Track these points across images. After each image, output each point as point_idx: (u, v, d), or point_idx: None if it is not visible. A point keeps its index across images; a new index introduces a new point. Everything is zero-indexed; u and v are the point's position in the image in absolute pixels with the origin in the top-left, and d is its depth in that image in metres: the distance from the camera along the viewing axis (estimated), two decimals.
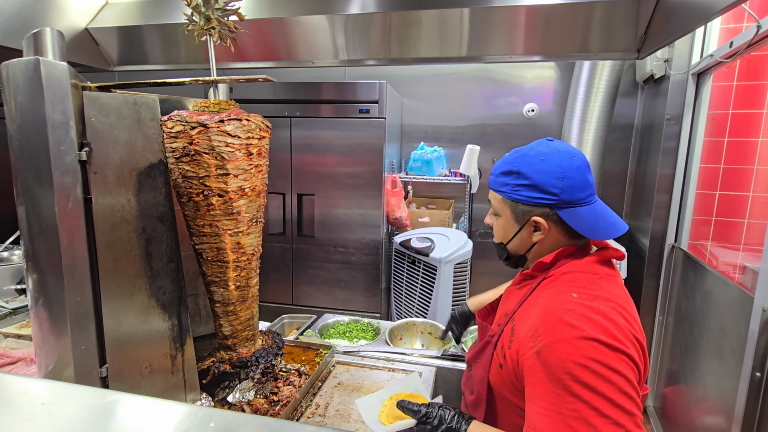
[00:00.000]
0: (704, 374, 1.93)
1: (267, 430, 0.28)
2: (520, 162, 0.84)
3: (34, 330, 0.90)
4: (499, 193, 0.87)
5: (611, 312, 0.74)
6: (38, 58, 0.76)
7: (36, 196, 0.81)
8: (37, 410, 0.30)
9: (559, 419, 0.68)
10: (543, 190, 0.81)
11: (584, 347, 0.69)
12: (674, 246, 2.39)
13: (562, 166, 0.82)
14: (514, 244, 0.89)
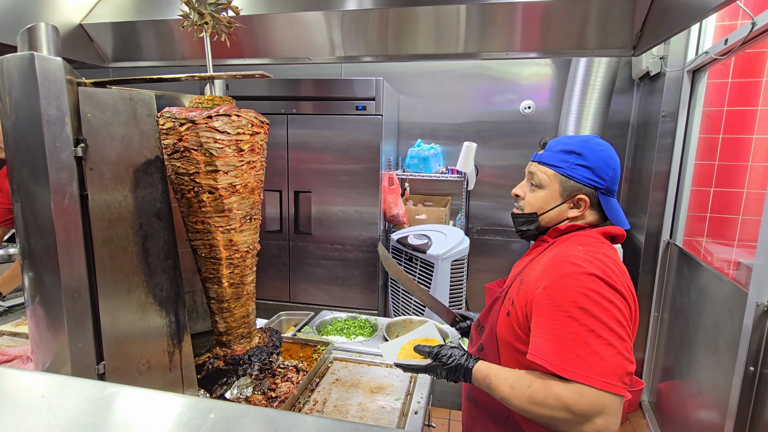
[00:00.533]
0: (699, 369, 1.94)
1: (267, 421, 0.28)
2: (583, 146, 0.93)
3: (31, 327, 0.90)
4: (554, 168, 0.94)
5: (610, 262, 0.84)
6: (33, 53, 0.76)
7: (32, 193, 0.81)
8: (37, 403, 0.30)
9: (559, 341, 0.76)
10: (597, 174, 0.92)
11: (585, 280, 0.78)
12: (669, 242, 2.41)
13: (615, 159, 0.94)
14: (549, 216, 0.96)
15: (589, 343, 0.74)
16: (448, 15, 1.60)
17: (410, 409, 1.24)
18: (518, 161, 3.22)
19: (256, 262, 1.15)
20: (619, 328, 0.75)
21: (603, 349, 0.73)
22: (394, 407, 1.23)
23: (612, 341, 0.74)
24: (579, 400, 0.72)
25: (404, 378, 1.38)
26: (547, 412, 0.75)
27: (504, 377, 0.84)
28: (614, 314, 0.76)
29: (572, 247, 0.87)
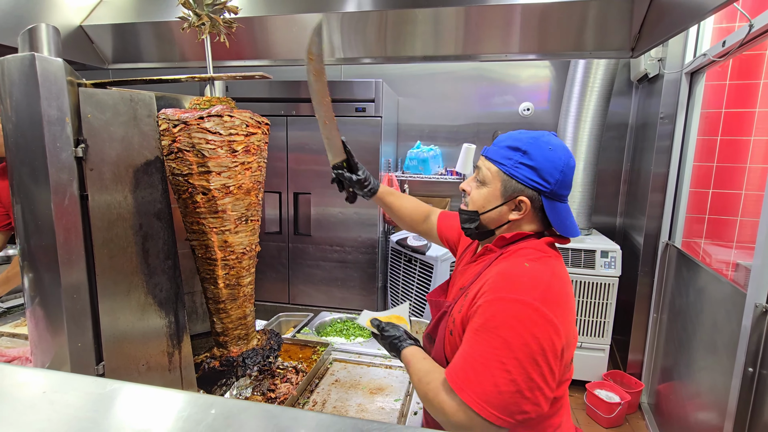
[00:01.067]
0: (698, 370, 1.95)
1: (267, 416, 0.29)
2: (530, 143, 0.86)
3: (31, 328, 0.90)
4: (498, 165, 0.88)
5: (555, 283, 0.80)
6: (33, 54, 0.76)
7: (32, 194, 0.81)
8: (38, 399, 0.30)
9: (469, 360, 0.76)
10: (541, 176, 0.85)
11: (518, 309, 0.75)
12: (668, 243, 2.41)
13: (565, 161, 0.86)
14: (490, 216, 0.91)
15: (493, 374, 0.73)
16: (447, 17, 1.61)
17: (409, 409, 1.24)
18: None
19: (254, 263, 1.14)
20: (532, 368, 0.72)
21: (504, 384, 0.72)
22: (393, 408, 1.23)
23: (517, 378, 0.72)
24: (456, 413, 0.75)
25: (403, 379, 1.38)
26: (433, 412, 0.80)
27: (418, 368, 0.87)
28: (535, 352, 0.73)
29: (518, 264, 0.82)
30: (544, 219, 0.89)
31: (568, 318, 0.79)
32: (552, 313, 0.75)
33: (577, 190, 2.83)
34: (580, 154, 2.79)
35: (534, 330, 0.73)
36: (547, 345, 0.73)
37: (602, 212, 3.14)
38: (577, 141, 2.78)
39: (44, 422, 0.28)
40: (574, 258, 2.60)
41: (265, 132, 1.07)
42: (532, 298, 0.75)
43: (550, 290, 0.77)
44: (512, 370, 0.72)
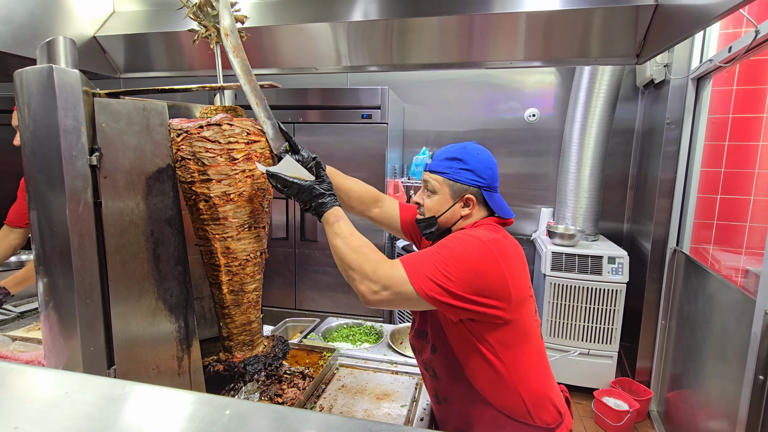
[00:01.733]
0: (707, 378, 1.92)
1: (278, 417, 0.29)
2: (462, 152, 1.07)
3: (44, 332, 0.92)
4: (442, 175, 1.07)
5: (506, 244, 0.98)
6: (51, 65, 0.78)
7: (48, 201, 0.83)
8: (61, 398, 0.31)
9: (423, 254, 0.94)
10: (478, 175, 1.05)
11: (465, 238, 0.95)
12: (676, 250, 2.40)
13: (491, 160, 1.09)
14: (446, 216, 1.08)
15: (431, 264, 0.91)
16: (452, 25, 1.63)
17: (416, 416, 1.24)
18: (523, 169, 3.23)
19: (260, 271, 1.14)
20: (463, 273, 0.90)
21: (434, 270, 0.90)
22: (399, 414, 1.23)
23: (450, 272, 0.90)
24: (389, 269, 0.91)
25: (410, 385, 1.39)
26: (358, 261, 0.92)
27: (352, 226, 0.99)
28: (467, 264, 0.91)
29: (473, 230, 1.03)
30: (487, 209, 1.09)
31: (515, 270, 0.96)
32: (496, 251, 0.93)
33: (583, 195, 2.82)
34: (586, 160, 2.78)
35: (474, 253, 0.92)
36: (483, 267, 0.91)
37: (609, 218, 3.13)
38: (583, 147, 2.78)
39: (68, 421, 0.29)
40: (581, 264, 2.59)
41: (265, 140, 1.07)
42: (481, 236, 0.96)
43: (495, 241, 0.96)
44: (447, 267, 0.90)
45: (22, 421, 0.28)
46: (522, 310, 0.99)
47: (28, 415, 0.29)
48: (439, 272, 0.90)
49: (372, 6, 1.69)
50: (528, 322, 1.02)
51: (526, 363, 1.01)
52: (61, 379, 0.34)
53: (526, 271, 1.02)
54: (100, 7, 1.88)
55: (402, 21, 1.64)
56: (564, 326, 2.67)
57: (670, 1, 1.30)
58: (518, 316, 0.98)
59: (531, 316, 1.03)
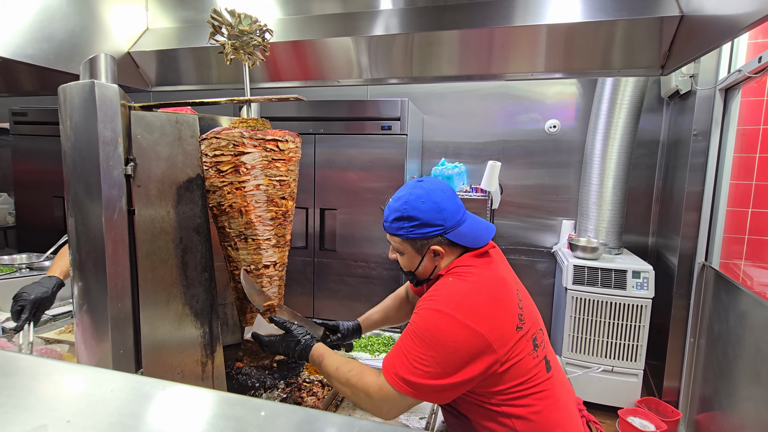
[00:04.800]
0: (741, 400, 1.84)
1: (310, 419, 0.30)
2: (405, 208, 1.01)
3: (77, 334, 0.95)
4: (399, 236, 1.03)
5: (474, 297, 0.93)
6: (93, 81, 0.83)
7: (85, 208, 0.88)
8: (108, 395, 0.33)
9: (398, 351, 0.94)
10: (431, 225, 1.00)
11: (436, 317, 0.91)
12: (705, 265, 2.32)
13: (438, 201, 1.01)
14: (420, 270, 1.06)
15: (412, 364, 0.90)
16: (472, 38, 1.64)
17: (435, 427, 1.22)
18: (543, 180, 3.19)
19: (264, 284, 1.11)
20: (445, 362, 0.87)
21: (419, 372, 0.88)
22: (418, 426, 1.22)
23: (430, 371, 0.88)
24: (377, 392, 0.92)
25: None
26: (354, 393, 0.95)
27: (335, 360, 1.00)
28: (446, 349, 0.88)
29: (443, 282, 0.99)
30: (459, 247, 1.04)
31: (491, 319, 0.91)
32: (467, 318, 0.89)
33: (606, 207, 2.77)
34: (609, 172, 2.73)
35: (448, 333, 0.89)
36: (461, 345, 0.88)
37: (633, 231, 3.05)
38: (606, 158, 2.73)
39: (115, 416, 0.31)
40: (604, 278, 2.53)
41: (267, 150, 1.03)
42: (449, 308, 0.91)
43: (465, 300, 0.92)
44: (428, 363, 0.88)
45: (73, 415, 0.30)
46: (513, 351, 0.93)
47: (79, 410, 0.31)
48: (418, 370, 0.88)
49: (393, 21, 1.73)
50: (525, 363, 0.95)
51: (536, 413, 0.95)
52: (107, 378, 0.36)
53: (507, 309, 0.95)
54: (135, 24, 1.97)
55: (422, 35, 1.67)
56: (586, 342, 2.60)
57: (696, 12, 1.28)
58: (510, 358, 0.92)
59: (527, 354, 0.95)
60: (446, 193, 1.04)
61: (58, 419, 0.30)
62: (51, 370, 0.38)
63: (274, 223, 1.06)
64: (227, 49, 1.08)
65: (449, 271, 1.02)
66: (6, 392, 0.36)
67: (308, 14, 1.83)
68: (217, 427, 0.31)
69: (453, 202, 1.04)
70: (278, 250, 1.10)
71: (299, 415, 0.31)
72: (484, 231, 1.06)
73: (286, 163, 1.06)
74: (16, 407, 0.33)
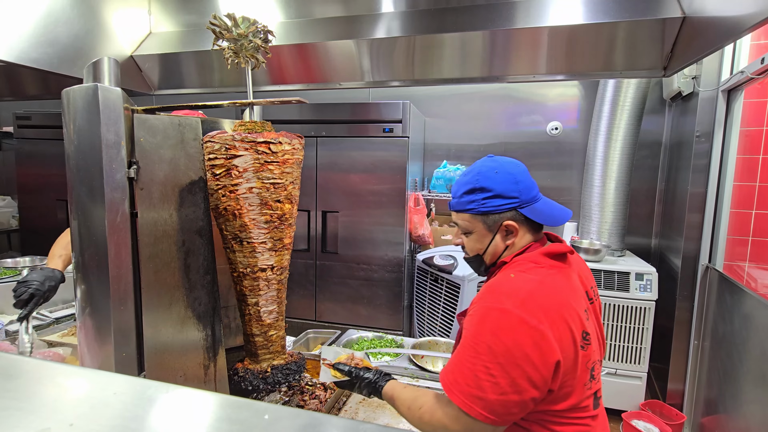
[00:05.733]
0: (746, 403, 1.82)
1: (315, 422, 0.30)
2: (478, 179, 0.94)
3: (80, 337, 0.96)
4: (467, 212, 0.96)
5: (539, 292, 0.83)
6: (97, 84, 0.84)
7: (88, 211, 0.88)
8: (111, 398, 0.33)
9: (459, 368, 0.82)
10: (506, 197, 0.92)
11: (498, 316, 0.81)
12: (708, 267, 2.30)
13: (514, 173, 0.94)
14: (490, 251, 0.98)
15: (479, 378, 0.79)
16: (474, 40, 1.64)
17: None
18: (546, 182, 3.19)
19: (260, 287, 1.10)
20: (515, 372, 0.77)
21: (489, 387, 0.78)
22: None
23: (500, 382, 0.78)
24: (455, 423, 0.81)
25: None
26: (431, 429, 0.86)
27: (404, 398, 0.94)
28: (515, 357, 0.78)
29: (504, 276, 0.89)
30: (533, 225, 0.96)
31: (561, 326, 0.81)
32: (535, 318, 0.79)
33: (608, 209, 2.76)
34: (611, 173, 2.73)
35: (515, 336, 0.78)
36: (530, 350, 0.78)
37: (636, 233, 3.04)
38: (608, 160, 2.73)
39: (118, 419, 0.31)
40: (607, 280, 2.52)
41: (259, 152, 1.00)
42: (512, 305, 0.81)
43: (531, 297, 0.82)
44: (496, 374, 0.78)
45: (77, 418, 0.30)
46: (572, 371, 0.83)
47: (82, 413, 0.31)
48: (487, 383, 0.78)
49: (395, 23, 1.73)
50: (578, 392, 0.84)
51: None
52: (110, 381, 0.36)
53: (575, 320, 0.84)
54: (138, 28, 1.98)
55: (424, 37, 1.67)
56: None
57: (698, 13, 1.28)
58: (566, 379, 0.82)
59: (582, 384, 0.85)
60: (520, 167, 0.97)
61: (61, 422, 0.30)
62: (54, 372, 0.38)
63: (269, 227, 1.04)
64: (227, 53, 1.09)
65: (513, 264, 0.93)
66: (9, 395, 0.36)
67: (310, 17, 1.83)
68: (220, 430, 0.31)
69: (528, 176, 0.97)
70: (275, 254, 1.07)
71: (303, 419, 0.31)
72: (559, 211, 0.96)
73: (280, 165, 1.02)
74: (20, 410, 0.33)
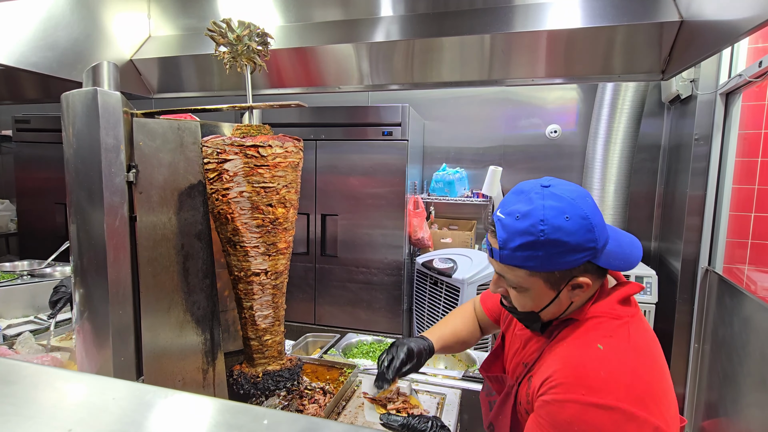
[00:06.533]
0: (746, 406, 1.82)
1: (313, 427, 0.30)
2: (544, 230, 0.70)
3: (78, 342, 0.95)
4: (525, 269, 0.74)
5: (647, 371, 0.66)
6: (96, 88, 0.84)
7: (87, 215, 0.88)
8: (110, 403, 0.33)
9: None
10: (582, 249, 0.71)
11: (604, 418, 0.62)
12: (708, 269, 2.31)
13: (587, 216, 0.72)
14: (550, 311, 0.78)
15: None
16: (473, 44, 1.65)
17: None
18: None
19: (254, 292, 1.09)
20: None
21: None
22: None
23: None
24: None
25: (432, 403, 1.36)
26: None
27: None
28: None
29: (590, 346, 0.69)
30: (601, 272, 0.78)
31: (672, 404, 0.66)
32: (651, 413, 0.62)
33: (608, 212, 2.76)
34: (610, 177, 2.73)
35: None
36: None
37: (635, 236, 3.04)
38: (607, 163, 2.73)
39: (116, 425, 0.31)
40: None
41: (249, 156, 0.98)
42: (619, 399, 0.62)
43: (639, 380, 0.64)
44: None
45: (75, 424, 0.30)
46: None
47: (81, 418, 0.31)
48: None
49: (394, 27, 1.74)
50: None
51: None
52: (109, 386, 0.36)
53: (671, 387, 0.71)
54: (137, 32, 1.99)
55: (423, 41, 1.67)
56: None
57: (696, 17, 1.29)
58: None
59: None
60: (589, 199, 0.74)
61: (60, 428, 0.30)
62: (53, 378, 0.38)
63: (261, 231, 1.03)
64: (223, 57, 1.09)
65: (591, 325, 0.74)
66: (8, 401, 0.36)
67: (310, 21, 1.84)
68: None
69: (598, 211, 0.75)
70: (268, 258, 1.06)
71: (302, 424, 0.31)
72: (629, 247, 0.78)
73: (270, 169, 1.01)
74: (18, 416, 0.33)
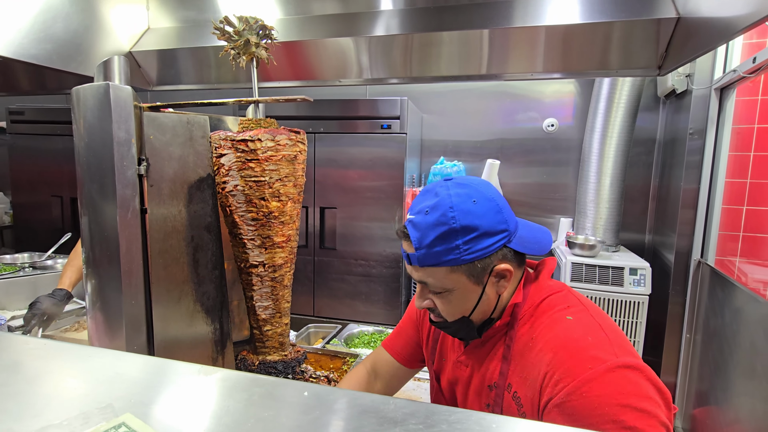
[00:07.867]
0: (736, 395, 1.88)
1: (355, 395, 0.33)
2: (454, 216, 0.68)
3: (91, 332, 0.97)
4: (444, 265, 0.70)
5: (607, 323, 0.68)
6: (108, 83, 0.85)
7: (99, 207, 0.89)
8: (151, 379, 0.35)
9: None
10: (495, 232, 0.70)
11: (618, 381, 0.61)
12: (701, 262, 2.36)
13: (493, 198, 0.71)
14: (481, 309, 0.74)
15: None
16: (472, 39, 1.66)
17: None
18: (542, 179, 3.23)
19: (253, 283, 1.10)
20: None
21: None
22: None
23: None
24: None
25: None
26: None
27: None
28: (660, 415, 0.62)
29: (561, 322, 0.68)
30: (520, 257, 0.76)
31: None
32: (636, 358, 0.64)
33: (603, 206, 2.80)
34: (606, 170, 2.77)
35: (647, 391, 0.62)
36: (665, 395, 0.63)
37: (630, 229, 3.09)
38: (604, 156, 2.77)
39: (165, 403, 0.33)
40: (602, 275, 2.56)
41: (241, 151, 0.97)
42: (623, 354, 0.63)
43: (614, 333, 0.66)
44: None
45: (115, 400, 0.32)
46: None
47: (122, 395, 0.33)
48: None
49: (393, 21, 1.75)
50: None
51: None
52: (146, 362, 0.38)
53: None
54: (136, 24, 1.98)
55: (422, 35, 1.69)
56: None
57: (692, 14, 1.31)
58: None
59: None
60: (491, 187, 0.74)
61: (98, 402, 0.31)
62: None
63: (256, 224, 1.04)
64: (227, 51, 1.10)
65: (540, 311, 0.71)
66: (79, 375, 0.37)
67: (309, 14, 1.84)
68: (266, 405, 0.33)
69: (503, 201, 0.74)
70: (264, 251, 1.07)
71: (338, 394, 0.33)
72: (540, 232, 0.77)
73: (261, 162, 1.00)
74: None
